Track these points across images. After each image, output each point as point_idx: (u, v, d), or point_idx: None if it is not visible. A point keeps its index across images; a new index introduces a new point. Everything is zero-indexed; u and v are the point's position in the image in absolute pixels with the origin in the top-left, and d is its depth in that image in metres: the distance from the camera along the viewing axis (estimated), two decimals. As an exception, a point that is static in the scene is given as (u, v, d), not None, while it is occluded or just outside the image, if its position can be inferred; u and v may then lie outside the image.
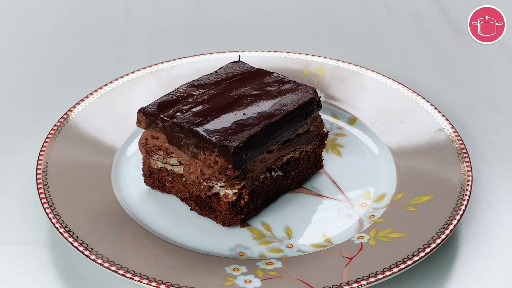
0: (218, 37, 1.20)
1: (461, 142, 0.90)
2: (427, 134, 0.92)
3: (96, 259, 0.76)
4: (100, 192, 0.85)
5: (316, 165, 0.90)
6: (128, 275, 0.75)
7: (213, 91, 0.86)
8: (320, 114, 0.88)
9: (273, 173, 0.85)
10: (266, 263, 0.78)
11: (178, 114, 0.82)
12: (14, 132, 0.99)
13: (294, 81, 0.88)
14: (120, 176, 0.89)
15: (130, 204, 0.86)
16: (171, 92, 0.86)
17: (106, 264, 0.75)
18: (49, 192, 0.83)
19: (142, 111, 0.84)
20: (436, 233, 0.79)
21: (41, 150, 0.88)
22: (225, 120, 0.81)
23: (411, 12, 1.25)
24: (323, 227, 0.83)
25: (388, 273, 0.75)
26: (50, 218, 0.80)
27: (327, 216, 0.85)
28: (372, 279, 0.74)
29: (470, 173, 0.86)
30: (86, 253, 0.77)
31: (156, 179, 0.87)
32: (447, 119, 0.94)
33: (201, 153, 0.80)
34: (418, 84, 1.06)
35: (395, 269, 0.75)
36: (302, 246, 0.81)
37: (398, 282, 0.78)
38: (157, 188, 0.88)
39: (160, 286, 0.73)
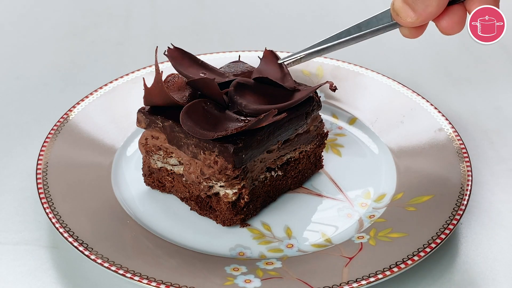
0: (218, 37, 1.20)
1: (461, 142, 0.90)
2: (427, 134, 0.92)
3: (96, 259, 0.76)
4: (100, 192, 0.85)
5: (316, 165, 0.90)
6: (128, 275, 0.75)
7: (213, 91, 0.86)
8: (320, 114, 0.88)
9: (273, 173, 0.85)
10: (266, 263, 0.78)
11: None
12: (14, 132, 0.99)
13: (294, 81, 0.88)
14: (120, 176, 0.89)
15: (130, 204, 0.86)
16: (171, 92, 0.86)
17: (106, 264, 0.76)
18: (49, 192, 0.83)
19: (142, 111, 0.84)
20: (436, 233, 0.79)
21: (41, 150, 0.88)
22: (225, 120, 0.81)
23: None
24: (323, 227, 0.83)
25: (388, 273, 0.75)
26: (50, 218, 0.80)
27: (327, 216, 0.85)
28: (372, 279, 0.74)
29: (470, 173, 0.86)
30: (86, 253, 0.77)
31: (156, 179, 0.87)
32: (447, 119, 0.94)
33: (201, 153, 0.80)
34: (418, 84, 1.06)
35: (395, 269, 0.75)
36: (302, 246, 0.81)
37: (398, 282, 0.78)
38: (157, 188, 0.88)
39: (160, 286, 0.73)
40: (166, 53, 0.84)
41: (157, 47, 0.84)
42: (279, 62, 0.86)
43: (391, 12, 0.75)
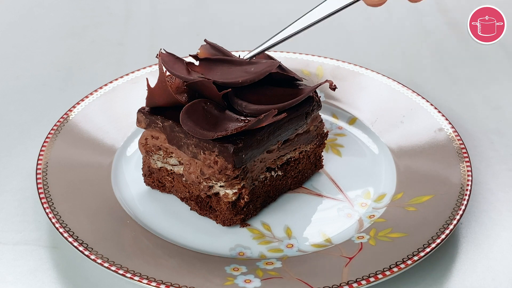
0: (218, 37, 1.20)
1: (461, 142, 0.90)
2: (427, 134, 0.92)
3: (96, 259, 0.76)
4: (100, 192, 0.85)
5: (316, 165, 0.90)
6: (128, 275, 0.75)
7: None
8: (320, 114, 0.88)
9: (273, 173, 0.85)
10: (266, 263, 0.78)
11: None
12: (14, 132, 0.99)
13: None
14: (120, 176, 0.89)
15: (130, 204, 0.86)
16: (171, 92, 0.86)
17: (106, 264, 0.76)
18: (49, 192, 0.83)
19: (142, 111, 0.84)
20: (436, 233, 0.79)
21: (41, 150, 0.88)
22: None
23: (411, 12, 1.25)
24: (323, 227, 0.83)
25: (388, 273, 0.75)
26: (50, 218, 0.80)
27: (327, 216, 0.85)
28: (372, 279, 0.74)
29: (470, 173, 0.86)
30: (86, 253, 0.77)
31: (156, 179, 0.87)
32: (447, 119, 0.94)
33: (201, 153, 0.80)
34: (418, 84, 1.06)
35: (395, 269, 0.75)
36: (302, 246, 0.81)
37: (398, 282, 0.78)
38: (157, 188, 0.88)
39: (160, 286, 0.73)
40: (157, 56, 0.84)
41: (161, 48, 0.84)
42: (246, 57, 0.86)
43: None
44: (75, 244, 0.78)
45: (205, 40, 0.89)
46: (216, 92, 0.81)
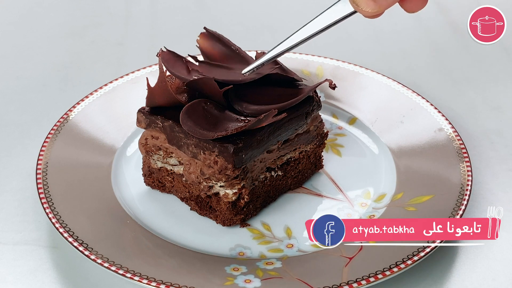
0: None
1: (461, 142, 0.90)
2: (427, 134, 0.92)
3: (96, 259, 0.76)
4: (100, 192, 0.85)
5: (316, 165, 0.90)
6: (128, 275, 0.75)
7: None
8: (320, 114, 0.88)
9: (273, 173, 0.85)
10: (266, 263, 0.78)
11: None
12: (14, 132, 0.99)
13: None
14: (120, 176, 0.89)
15: (130, 204, 0.86)
16: (171, 92, 0.86)
17: (106, 264, 0.76)
18: (49, 192, 0.83)
19: (142, 111, 0.84)
20: (436, 233, 0.79)
21: (41, 150, 0.88)
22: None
23: (411, 12, 1.25)
24: (323, 227, 0.83)
25: (388, 273, 0.75)
26: (50, 218, 0.80)
27: (327, 216, 0.85)
28: (372, 279, 0.74)
29: (470, 173, 0.86)
30: (86, 253, 0.77)
31: (156, 179, 0.87)
32: (447, 119, 0.94)
33: (201, 153, 0.80)
34: (418, 84, 1.06)
35: (395, 269, 0.75)
36: (302, 246, 0.81)
37: (398, 282, 0.78)
38: (157, 188, 0.88)
39: (160, 286, 0.73)
40: (158, 55, 0.84)
41: (161, 48, 0.84)
42: (243, 72, 0.81)
43: (350, 3, 0.73)
44: (75, 244, 0.78)
45: (204, 28, 0.89)
46: (217, 89, 0.80)
